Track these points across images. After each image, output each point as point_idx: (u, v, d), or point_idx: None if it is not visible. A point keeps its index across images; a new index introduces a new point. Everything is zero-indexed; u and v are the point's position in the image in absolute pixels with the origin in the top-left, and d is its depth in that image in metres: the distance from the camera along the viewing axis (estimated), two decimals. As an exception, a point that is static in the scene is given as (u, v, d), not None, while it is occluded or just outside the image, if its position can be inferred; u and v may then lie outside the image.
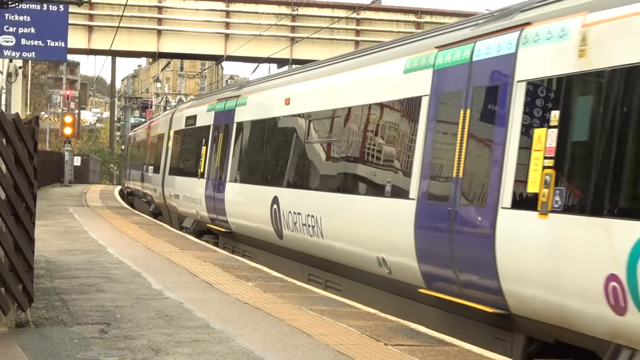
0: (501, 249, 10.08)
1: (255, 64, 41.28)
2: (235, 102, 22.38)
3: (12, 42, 16.91)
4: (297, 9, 42.67)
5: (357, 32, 43.95)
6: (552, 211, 9.24)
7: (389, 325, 10.59)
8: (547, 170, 9.44)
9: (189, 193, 25.66)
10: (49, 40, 17.14)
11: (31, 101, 68.83)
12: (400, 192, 12.61)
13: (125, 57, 77.71)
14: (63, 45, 17.34)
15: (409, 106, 12.78)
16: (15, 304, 9.36)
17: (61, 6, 17.09)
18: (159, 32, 42.53)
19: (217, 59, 45.42)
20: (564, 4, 9.97)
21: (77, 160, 64.26)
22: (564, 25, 9.63)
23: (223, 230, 22.09)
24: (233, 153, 21.68)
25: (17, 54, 17.45)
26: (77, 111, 77.58)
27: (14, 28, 16.95)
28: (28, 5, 16.69)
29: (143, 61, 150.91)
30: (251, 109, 21.00)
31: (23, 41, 17.04)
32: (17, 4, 11.40)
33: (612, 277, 8.31)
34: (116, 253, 17.23)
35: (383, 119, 13.84)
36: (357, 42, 42.67)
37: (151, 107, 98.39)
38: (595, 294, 8.55)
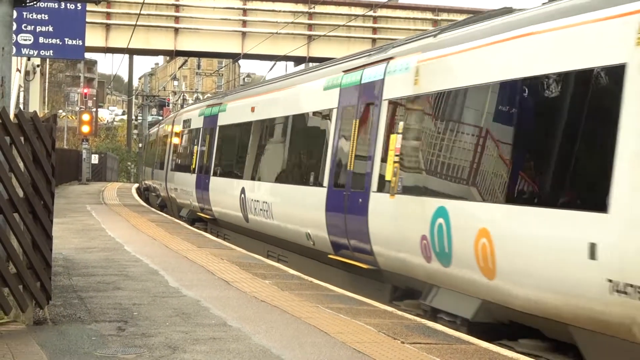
0: (371, 221, 13.83)
1: (272, 62, 41.32)
2: (218, 108, 26.43)
3: (30, 40, 16.97)
4: (314, 7, 42.66)
5: (374, 30, 43.91)
6: (397, 193, 13.10)
7: (406, 323, 10.58)
8: (395, 165, 13.28)
9: (184, 186, 29.71)
10: (66, 39, 17.18)
11: (49, 99, 69.04)
12: (318, 182, 16.55)
13: (143, 56, 77.99)
14: (81, 43, 17.38)
15: (326, 116, 16.77)
16: (33, 301, 9.39)
17: (79, 5, 17.13)
18: (176, 30, 42.60)
19: (234, 57, 45.48)
20: (412, 45, 13.89)
21: (95, 158, 64.47)
22: (408, 61, 13.46)
23: (209, 217, 25.98)
24: (216, 152, 25.76)
25: (35, 53, 17.50)
26: (94, 109, 77.78)
27: (32, 26, 17.00)
28: (46, 3, 16.76)
29: (160, 59, 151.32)
30: (229, 114, 24.99)
31: (41, 39, 17.09)
32: (35, 2, 11.42)
33: (424, 237, 12.07)
34: (133, 251, 17.27)
35: (311, 125, 18.02)
36: (374, 40, 42.62)
37: (168, 105, 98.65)
38: (417, 250, 12.26)
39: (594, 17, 9.26)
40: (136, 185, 55.82)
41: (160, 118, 73.55)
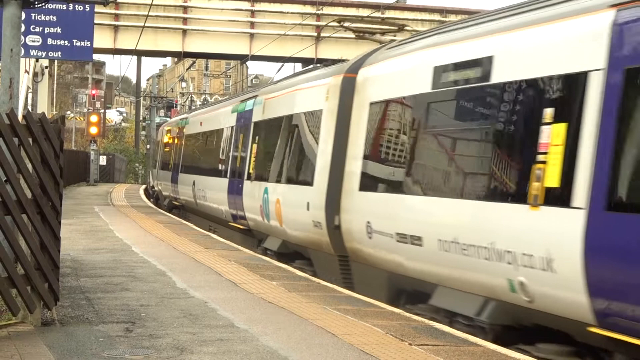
0: (244, 198, 22.04)
1: (280, 64, 41.31)
2: (185, 121, 36.66)
3: (38, 42, 16.98)
4: (322, 9, 42.66)
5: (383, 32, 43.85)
6: (250, 179, 21.65)
7: (413, 324, 10.57)
8: (253, 162, 21.83)
9: (164, 181, 39.51)
10: (74, 40, 17.19)
11: (57, 100, 69.15)
12: (224, 174, 25.10)
13: (151, 57, 78.04)
14: (89, 45, 17.39)
15: (232, 131, 25.20)
16: (41, 302, 9.41)
17: (87, 6, 17.14)
18: (184, 31, 42.61)
19: (242, 59, 45.48)
20: (266, 88, 23.21)
21: (103, 160, 64.52)
22: (262, 98, 22.49)
23: (178, 204, 35.08)
24: (182, 153, 34.83)
25: (44, 54, 17.51)
26: (102, 110, 77.85)
27: (41, 28, 17.01)
28: (54, 5, 16.76)
29: (168, 61, 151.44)
30: (189, 126, 34.97)
31: (49, 41, 17.10)
32: (43, 3, 11.44)
33: (261, 206, 20.06)
34: (141, 252, 17.29)
35: (224, 137, 26.43)
36: (381, 42, 42.57)
37: (176, 107, 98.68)
38: (260, 214, 20.20)
39: (311, 85, 18.04)
40: (144, 186, 55.89)
41: (168, 119, 73.63)
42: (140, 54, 49.89)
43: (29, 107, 33.05)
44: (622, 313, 8.60)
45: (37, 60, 33.61)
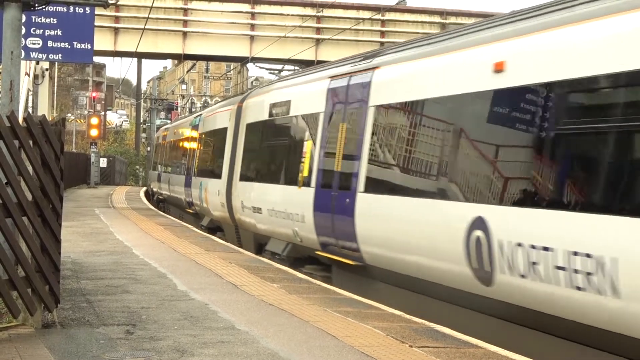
0: (192, 188, 29.72)
1: (281, 65, 41.31)
2: (164, 129, 45.52)
3: (38, 44, 16.96)
4: (322, 11, 42.69)
5: (382, 34, 43.92)
6: (195, 175, 29.07)
7: (414, 327, 10.57)
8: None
9: (155, 179, 45.73)
10: (75, 43, 17.17)
11: (58, 103, 69.19)
12: (182, 172, 32.69)
13: (151, 59, 77.82)
14: (89, 47, 17.37)
15: (189, 140, 32.49)
16: (42, 304, 9.41)
17: (87, 8, 17.13)
18: (185, 33, 42.66)
19: (243, 61, 45.51)
20: (215, 105, 31.00)
21: (103, 162, 64.50)
22: (203, 114, 31.49)
23: (162, 198, 41.71)
24: (167, 155, 41.56)
25: (44, 56, 17.49)
26: (103, 113, 77.83)
27: (41, 30, 16.99)
28: (54, 7, 16.75)
29: (169, 63, 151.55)
30: (168, 133, 42.35)
31: (49, 43, 17.08)
32: (43, 6, 11.45)
33: (198, 195, 27.77)
34: (142, 254, 17.29)
35: (182, 145, 33.43)
36: (382, 44, 42.60)
37: (177, 109, 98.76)
38: (199, 199, 27.90)
39: (225, 109, 25.56)
40: (144, 188, 55.91)
41: (168, 122, 73.58)
42: (140, 56, 49.95)
43: (30, 110, 33.07)
44: (329, 242, 15.62)
45: (37, 63, 33.62)
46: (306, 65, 39.91)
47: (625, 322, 8.46)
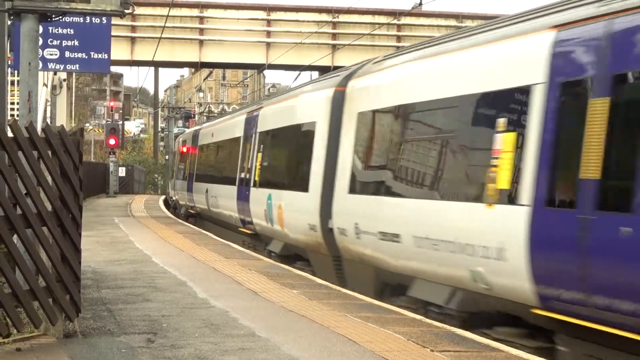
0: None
1: (297, 72, 41.38)
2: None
3: (56, 55, 17.05)
4: (337, 16, 42.72)
5: (398, 38, 43.90)
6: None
7: (435, 331, 10.55)
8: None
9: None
10: (92, 53, 17.25)
11: (76, 113, 69.43)
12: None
13: (168, 68, 78.02)
14: (106, 57, 17.45)
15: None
16: (63, 314, 9.44)
17: (104, 18, 17.20)
18: (201, 42, 42.78)
19: (259, 68, 45.59)
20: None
21: (122, 171, 64.69)
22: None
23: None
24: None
25: (62, 67, 17.57)
26: (121, 122, 78.13)
27: (58, 41, 17.08)
28: (71, 18, 16.83)
29: (185, 71, 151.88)
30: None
31: (67, 54, 17.16)
32: (60, 17, 11.50)
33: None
34: (161, 262, 17.33)
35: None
36: (397, 48, 42.58)
37: (194, 117, 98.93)
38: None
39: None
40: (163, 197, 56.06)
41: (185, 130, 73.83)
42: (157, 65, 50.14)
43: (48, 120, 33.23)
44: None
45: (55, 74, 33.78)
46: (323, 71, 39.99)
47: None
